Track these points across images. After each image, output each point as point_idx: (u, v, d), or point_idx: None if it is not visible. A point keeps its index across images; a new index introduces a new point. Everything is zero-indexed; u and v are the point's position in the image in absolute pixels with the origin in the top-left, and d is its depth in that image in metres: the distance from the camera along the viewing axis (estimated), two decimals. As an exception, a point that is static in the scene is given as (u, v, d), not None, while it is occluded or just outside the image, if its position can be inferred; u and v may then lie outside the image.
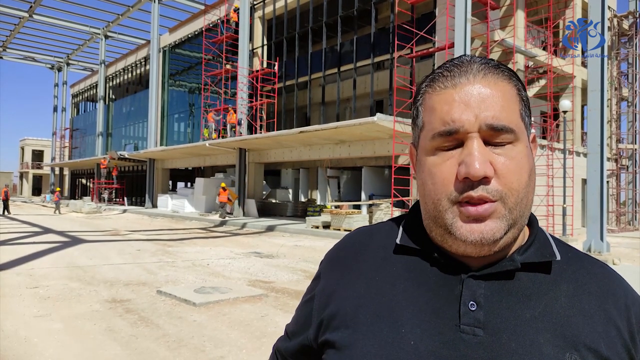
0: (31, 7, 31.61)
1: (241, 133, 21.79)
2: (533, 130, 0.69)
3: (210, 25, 25.43)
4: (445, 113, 0.63)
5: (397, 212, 15.21)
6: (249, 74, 22.85)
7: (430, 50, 15.54)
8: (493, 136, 0.61)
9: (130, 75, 37.10)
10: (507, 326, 0.61)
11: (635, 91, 21.84)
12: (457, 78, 0.63)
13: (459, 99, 0.62)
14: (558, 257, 0.66)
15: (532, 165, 0.65)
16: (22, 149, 65.65)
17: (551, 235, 0.71)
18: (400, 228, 0.73)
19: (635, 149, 21.57)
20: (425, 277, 0.66)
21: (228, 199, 21.06)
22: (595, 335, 0.61)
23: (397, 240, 0.71)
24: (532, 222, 0.70)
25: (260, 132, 21.68)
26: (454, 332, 0.61)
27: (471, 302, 0.62)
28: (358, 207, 18.10)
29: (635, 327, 0.64)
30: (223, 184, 21.45)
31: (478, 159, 0.59)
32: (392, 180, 14.53)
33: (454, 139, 0.62)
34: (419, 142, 0.68)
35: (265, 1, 23.44)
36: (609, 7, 17.89)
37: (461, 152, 0.62)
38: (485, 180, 0.60)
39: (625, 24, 21.89)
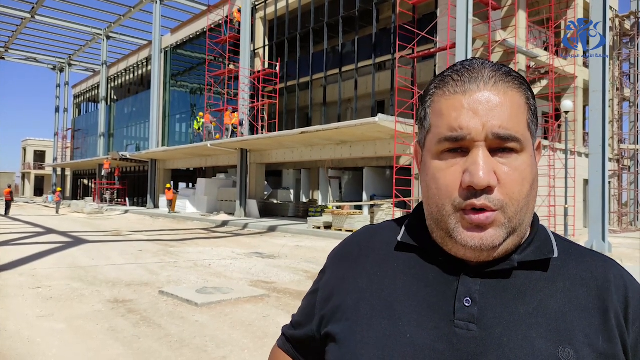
0: (33, 8, 31.68)
1: (243, 134, 21.81)
2: (538, 137, 0.70)
3: (213, 25, 25.46)
4: (453, 119, 0.63)
5: (398, 213, 15.21)
6: (251, 75, 22.87)
7: (432, 50, 15.54)
8: (499, 145, 0.62)
9: (132, 75, 37.16)
10: (501, 321, 0.62)
11: (637, 91, 21.80)
12: (467, 84, 0.64)
13: (468, 106, 0.62)
14: (555, 255, 0.67)
15: (535, 174, 0.65)
16: (24, 149, 65.82)
17: (554, 233, 0.72)
18: (403, 227, 0.75)
19: (637, 150, 21.53)
20: (425, 274, 0.68)
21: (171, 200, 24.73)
22: (592, 330, 0.62)
23: (399, 238, 0.73)
24: (533, 220, 0.71)
25: (262, 133, 21.70)
26: (449, 326, 0.63)
27: (466, 298, 0.64)
28: (359, 207, 18.10)
29: (630, 317, 0.64)
30: (168, 185, 25.96)
31: (483, 169, 0.60)
32: (394, 181, 14.53)
33: (460, 146, 0.63)
34: (425, 144, 0.69)
35: (267, 2, 23.47)
36: (610, 7, 17.88)
37: (466, 159, 0.62)
38: (488, 190, 0.61)
39: (627, 24, 21.85)
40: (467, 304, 0.64)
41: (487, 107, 0.62)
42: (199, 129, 24.55)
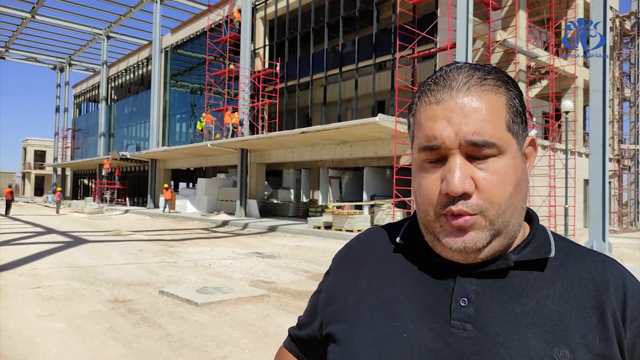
0: (33, 7, 31.69)
1: (243, 133, 21.82)
2: (534, 131, 0.70)
3: (213, 25, 25.47)
4: (429, 129, 0.65)
5: (398, 213, 15.21)
6: (251, 75, 22.88)
7: (432, 50, 15.54)
8: (475, 151, 0.63)
9: (132, 75, 37.17)
10: (497, 321, 0.63)
11: (638, 91, 21.80)
12: (440, 93, 0.65)
13: (442, 115, 0.64)
14: (552, 254, 0.67)
15: (520, 174, 0.65)
16: (25, 149, 65.83)
17: (555, 234, 0.72)
18: (403, 228, 0.77)
19: (638, 150, 21.52)
20: (423, 275, 0.70)
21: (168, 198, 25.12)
22: (589, 330, 0.62)
23: (397, 239, 0.75)
24: (532, 220, 0.72)
25: (262, 133, 21.71)
26: (445, 326, 0.64)
27: (462, 298, 0.65)
28: (360, 207, 18.11)
29: (628, 318, 0.64)
30: (166, 185, 26.41)
31: (457, 176, 0.62)
32: (394, 181, 14.53)
33: (437, 154, 0.65)
34: (412, 152, 0.71)
35: (267, 2, 23.48)
36: (610, 8, 17.88)
37: (444, 168, 0.64)
38: (465, 195, 0.62)
39: (627, 24, 21.85)
40: (463, 304, 0.65)
41: (460, 115, 0.63)
42: (201, 129, 24.56)
